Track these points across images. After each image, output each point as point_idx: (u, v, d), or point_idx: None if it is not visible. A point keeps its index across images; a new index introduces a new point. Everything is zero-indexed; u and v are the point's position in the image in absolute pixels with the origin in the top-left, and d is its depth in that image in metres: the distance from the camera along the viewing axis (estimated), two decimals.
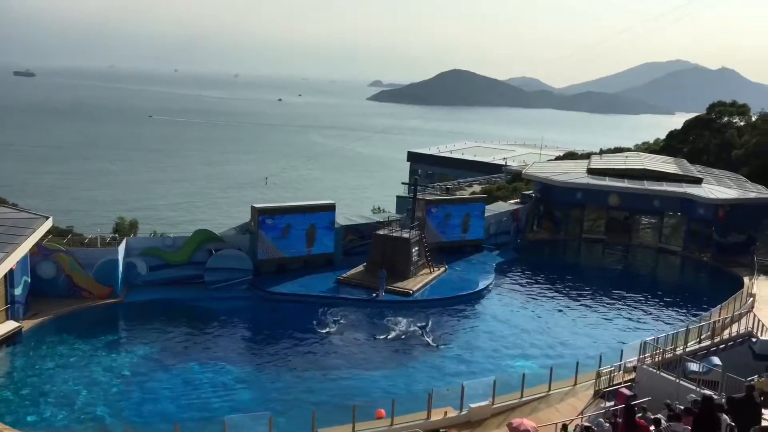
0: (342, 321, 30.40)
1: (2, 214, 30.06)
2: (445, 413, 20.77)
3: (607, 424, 16.27)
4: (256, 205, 36.18)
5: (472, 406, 21.08)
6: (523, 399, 22.12)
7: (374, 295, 33.63)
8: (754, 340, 25.96)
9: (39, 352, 25.75)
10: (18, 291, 27.55)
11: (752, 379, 17.71)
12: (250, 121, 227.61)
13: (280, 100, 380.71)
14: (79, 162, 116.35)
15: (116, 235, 35.25)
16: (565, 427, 17.11)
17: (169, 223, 64.35)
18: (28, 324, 27.26)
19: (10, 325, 26.39)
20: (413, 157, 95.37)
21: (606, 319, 33.79)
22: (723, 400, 15.08)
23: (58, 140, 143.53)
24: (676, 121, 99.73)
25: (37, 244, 29.22)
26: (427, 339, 28.64)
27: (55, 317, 28.52)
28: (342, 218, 40.09)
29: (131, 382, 24.12)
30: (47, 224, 29.95)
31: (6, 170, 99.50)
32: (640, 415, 16.05)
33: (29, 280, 29.03)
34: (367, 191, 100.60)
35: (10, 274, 26.58)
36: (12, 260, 25.75)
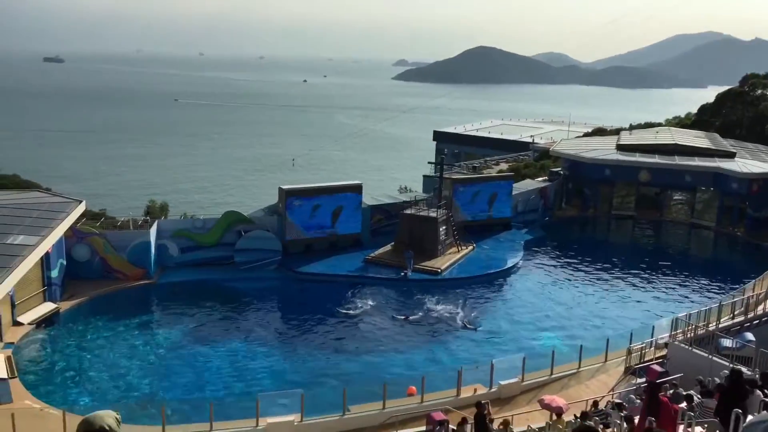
0: (371, 300, 30.62)
1: (37, 198, 30.76)
2: (475, 390, 20.91)
3: (639, 401, 16.19)
4: (284, 187, 36.44)
5: (502, 383, 21.20)
6: (553, 376, 22.17)
7: (402, 274, 33.75)
8: None
9: (76, 333, 26.45)
10: (54, 273, 28.26)
11: None
12: (276, 103, 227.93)
13: (305, 81, 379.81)
14: (109, 146, 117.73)
15: (148, 218, 35.76)
16: (596, 403, 17.12)
17: (199, 206, 64.86)
18: (65, 305, 27.99)
19: (48, 307, 27.14)
20: (439, 136, 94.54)
21: (637, 295, 33.55)
22: (756, 375, 14.90)
23: (88, 125, 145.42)
24: (708, 94, 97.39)
25: (72, 228, 29.84)
26: (463, 322, 28.58)
27: (90, 299, 29.22)
28: (369, 198, 40.19)
29: (165, 360, 24.70)
30: (81, 208, 30.56)
31: (39, 155, 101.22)
32: (671, 392, 15.93)
33: (65, 262, 29.74)
34: (394, 171, 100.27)
35: (47, 257, 27.25)
36: (48, 243, 26.37)
